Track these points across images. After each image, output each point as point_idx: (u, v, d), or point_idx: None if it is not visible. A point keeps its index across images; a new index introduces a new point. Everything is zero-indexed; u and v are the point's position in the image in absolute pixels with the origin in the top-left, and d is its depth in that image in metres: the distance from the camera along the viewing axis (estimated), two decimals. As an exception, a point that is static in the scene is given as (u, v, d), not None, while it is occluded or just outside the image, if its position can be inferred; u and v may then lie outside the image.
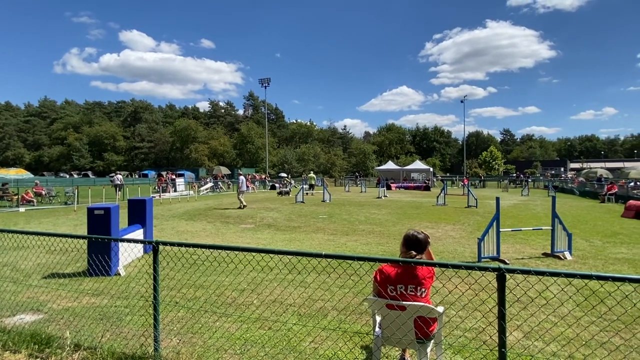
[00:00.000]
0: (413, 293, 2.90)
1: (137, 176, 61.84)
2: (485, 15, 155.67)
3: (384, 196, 24.89)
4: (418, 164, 50.82)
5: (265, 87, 57.89)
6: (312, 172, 38.72)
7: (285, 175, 49.57)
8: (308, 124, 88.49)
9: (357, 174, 58.31)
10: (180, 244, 3.33)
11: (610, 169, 50.89)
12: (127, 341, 3.68)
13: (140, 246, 7.40)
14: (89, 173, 69.03)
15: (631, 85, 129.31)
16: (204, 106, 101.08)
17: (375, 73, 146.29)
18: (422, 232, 3.16)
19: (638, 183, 26.83)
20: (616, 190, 22.06)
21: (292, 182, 39.90)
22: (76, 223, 12.26)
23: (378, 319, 3.12)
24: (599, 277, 2.27)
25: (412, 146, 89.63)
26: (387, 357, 3.46)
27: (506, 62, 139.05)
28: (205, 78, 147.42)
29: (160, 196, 23.27)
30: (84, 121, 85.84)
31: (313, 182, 30.95)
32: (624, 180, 29.95)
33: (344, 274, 5.24)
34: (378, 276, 3.03)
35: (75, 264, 6.74)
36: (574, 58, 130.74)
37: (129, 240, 4.23)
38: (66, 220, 13.06)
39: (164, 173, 39.52)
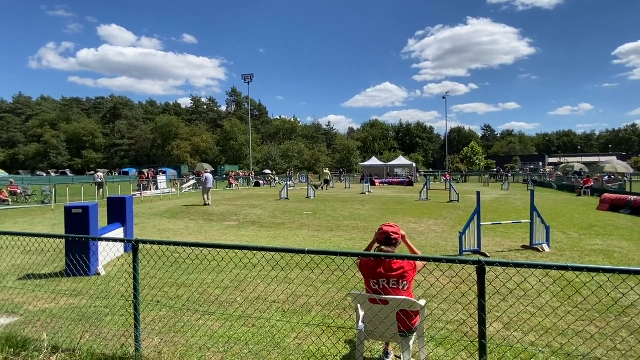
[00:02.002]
0: (395, 286, 2.93)
1: (117, 174, 60.51)
2: (466, 12, 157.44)
3: (368, 192, 25.04)
4: (401, 160, 51.29)
5: (248, 82, 57.31)
6: (326, 168, 38.92)
7: (269, 171, 49.31)
8: (292, 120, 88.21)
9: (341, 170, 58.47)
10: (161, 242, 3.28)
11: (586, 163, 52.50)
12: (107, 342, 3.61)
13: (120, 245, 7.26)
14: (67, 171, 67.23)
15: (606, 82, 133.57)
16: (185, 102, 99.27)
17: (359, 69, 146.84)
18: (392, 227, 3.17)
19: (612, 177, 27.72)
20: (592, 184, 22.72)
21: (277, 178, 39.72)
22: (54, 222, 11.93)
23: (361, 313, 3.14)
24: (574, 268, 2.33)
25: (395, 142, 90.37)
26: (370, 351, 3.49)
27: (487, 58, 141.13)
28: (187, 74, 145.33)
29: (141, 194, 22.85)
30: (61, 118, 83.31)
31: (328, 179, 31.36)
32: (599, 174, 30.90)
33: (327, 270, 5.26)
34: (363, 269, 3.08)
35: (53, 264, 6.56)
36: (552, 55, 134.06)
37: (108, 239, 4.15)
38: (43, 220, 12.69)
39: (145, 171, 38.85)
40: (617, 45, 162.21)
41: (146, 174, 32.13)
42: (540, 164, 70.65)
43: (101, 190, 22.45)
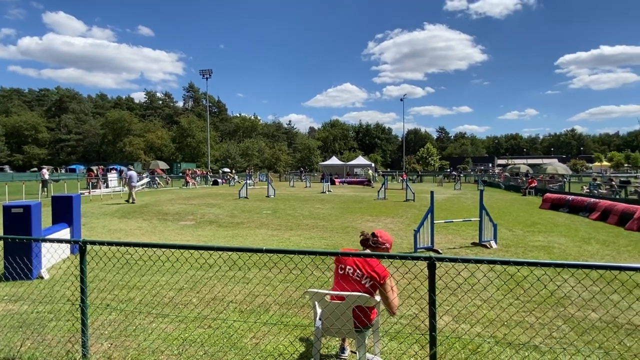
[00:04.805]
0: (358, 279, 3.03)
1: (63, 171, 56.81)
2: (423, 18, 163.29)
3: (328, 191, 25.27)
4: (361, 160, 52.17)
5: (207, 78, 56.00)
6: (370, 170, 39.29)
7: (228, 170, 48.34)
8: (252, 118, 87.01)
9: (301, 169, 58.51)
10: (110, 243, 3.15)
11: (531, 165, 55.97)
12: (50, 349, 3.41)
13: (66, 247, 6.86)
14: (6, 167, 62.14)
15: (549, 89, 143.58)
16: (139, 97, 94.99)
17: (320, 69, 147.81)
18: (365, 235, 3.33)
19: (553, 178, 29.80)
20: (535, 184, 24.32)
21: (236, 177, 39.06)
22: (-10, 223, 11.02)
23: (319, 310, 3.19)
24: (515, 263, 2.51)
25: (355, 142, 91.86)
26: (327, 348, 3.55)
27: (442, 63, 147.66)
28: (143, 67, 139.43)
29: (89, 193, 21.64)
30: (-1, 110, 76.99)
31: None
32: (542, 175, 33.10)
33: (285, 269, 5.28)
34: (337, 258, 3.21)
35: (-11, 268, 6.07)
36: (502, 62, 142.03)
37: (51, 240, 3.91)
38: (-23, 220, 11.69)
39: (94, 168, 36.79)
40: (558, 56, 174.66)
41: (95, 172, 30.45)
42: (490, 165, 74.62)
43: (45, 188, 21.03)
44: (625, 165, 77.13)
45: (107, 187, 24.91)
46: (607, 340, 3.66)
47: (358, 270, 3.05)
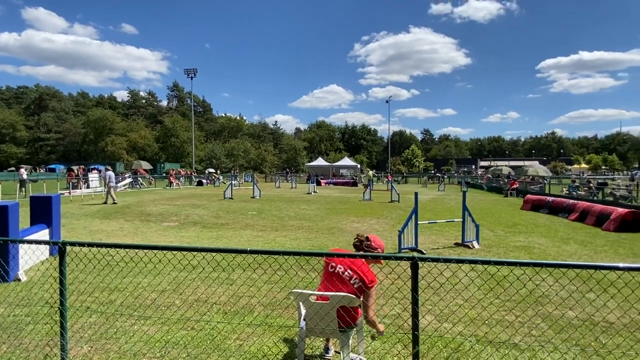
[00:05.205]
0: (347, 279, 3.06)
1: (42, 170, 55.35)
2: (409, 21, 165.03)
3: (314, 192, 25.28)
4: (347, 161, 52.37)
5: (192, 77, 55.44)
6: (370, 171, 39.29)
7: (213, 170, 47.88)
8: (238, 118, 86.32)
9: (287, 170, 58.38)
10: (91, 244, 3.09)
11: (513, 167, 57.17)
12: (28, 353, 3.33)
13: (45, 248, 6.69)
14: (-18, 167, 60.28)
15: (530, 93, 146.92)
16: (122, 95, 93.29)
17: (307, 70, 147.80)
18: (360, 238, 3.39)
19: (534, 179, 30.47)
20: (517, 186, 24.83)
21: (221, 177, 38.72)
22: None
23: (303, 311, 3.20)
24: (496, 262, 2.57)
25: (341, 143, 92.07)
26: (311, 348, 3.56)
27: (427, 66, 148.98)
28: (126, 65, 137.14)
29: (70, 193, 21.15)
30: (-26, 107, 74.52)
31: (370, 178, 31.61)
32: (523, 177, 33.81)
33: (270, 269, 5.26)
34: (327, 258, 3.22)
35: (-37, 270, 5.88)
36: (485, 66, 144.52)
37: (29, 242, 3.82)
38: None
39: (75, 167, 35.97)
40: (539, 60, 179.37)
41: (76, 171, 29.76)
42: (473, 167, 75.79)
43: (23, 188, 20.46)
44: (603, 167, 79.58)
45: (88, 187, 24.35)
46: (583, 338, 3.77)
47: (349, 271, 3.08)
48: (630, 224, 10.49)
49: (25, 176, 21.56)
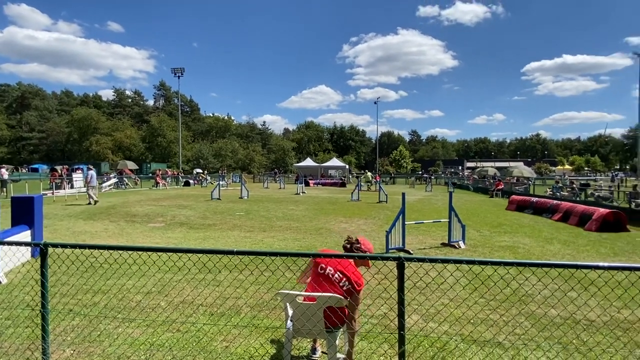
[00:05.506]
0: (337, 281, 3.08)
1: (25, 170, 54.08)
2: (397, 23, 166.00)
3: (302, 192, 25.25)
4: (335, 161, 52.47)
5: (179, 77, 54.82)
6: (369, 172, 39.01)
7: (200, 170, 47.45)
8: (226, 118, 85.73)
9: (276, 170, 58.20)
10: (74, 246, 3.03)
11: (498, 168, 58.06)
12: (8, 357, 3.25)
13: (26, 250, 6.54)
14: (-39, 167, 58.53)
15: (515, 95, 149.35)
16: (107, 94, 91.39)
17: (295, 70, 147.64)
18: (350, 240, 3.40)
19: (519, 180, 30.98)
20: (502, 186, 25.21)
21: (208, 178, 38.39)
22: (-59, 225, 10.37)
23: (290, 312, 3.19)
24: (480, 262, 2.60)
25: (329, 144, 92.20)
26: (298, 349, 3.56)
27: (415, 68, 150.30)
28: (112, 64, 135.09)
29: (53, 193, 20.73)
30: (-47, 105, 72.47)
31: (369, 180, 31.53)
32: (509, 178, 34.35)
33: (257, 270, 5.24)
34: (315, 259, 3.22)
35: (-60, 273, 5.72)
36: (472, 68, 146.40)
37: (9, 243, 3.74)
38: None
39: (58, 167, 35.26)
40: (525, 63, 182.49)
41: (59, 171, 29.18)
42: (460, 167, 76.74)
43: (4, 188, 19.99)
44: (586, 168, 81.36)
45: (72, 187, 23.88)
46: (565, 335, 3.85)
47: (338, 273, 3.09)
48: (612, 224, 10.75)
49: (6, 176, 21.07)
